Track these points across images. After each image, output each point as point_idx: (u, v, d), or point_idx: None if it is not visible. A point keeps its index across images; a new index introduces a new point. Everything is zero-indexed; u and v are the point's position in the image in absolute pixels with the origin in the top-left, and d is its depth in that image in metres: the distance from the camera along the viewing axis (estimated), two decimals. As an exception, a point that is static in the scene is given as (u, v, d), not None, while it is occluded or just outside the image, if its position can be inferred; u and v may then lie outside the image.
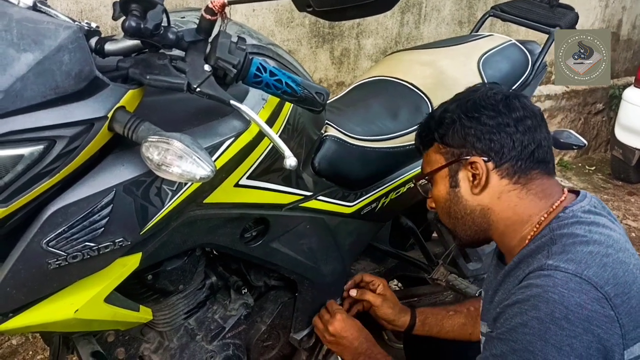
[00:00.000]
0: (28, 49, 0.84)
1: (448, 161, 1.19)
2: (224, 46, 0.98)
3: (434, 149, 1.23)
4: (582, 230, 1.03)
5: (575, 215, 1.07)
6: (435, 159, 1.22)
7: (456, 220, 1.21)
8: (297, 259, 1.44)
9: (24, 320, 0.99)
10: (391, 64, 1.86)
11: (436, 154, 1.22)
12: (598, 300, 0.93)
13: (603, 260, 0.98)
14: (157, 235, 1.09)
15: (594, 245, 1.00)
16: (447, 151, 1.19)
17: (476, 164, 1.14)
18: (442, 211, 1.24)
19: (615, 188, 4.28)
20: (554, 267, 0.97)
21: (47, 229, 0.90)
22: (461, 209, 1.18)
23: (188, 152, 0.89)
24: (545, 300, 0.94)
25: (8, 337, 2.29)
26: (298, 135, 1.28)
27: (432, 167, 1.23)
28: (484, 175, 1.14)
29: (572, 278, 0.94)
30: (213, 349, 1.40)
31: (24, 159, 0.84)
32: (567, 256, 0.98)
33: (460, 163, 1.17)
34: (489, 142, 1.14)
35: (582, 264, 0.96)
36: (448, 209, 1.21)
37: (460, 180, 1.18)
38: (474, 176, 1.15)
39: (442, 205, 1.22)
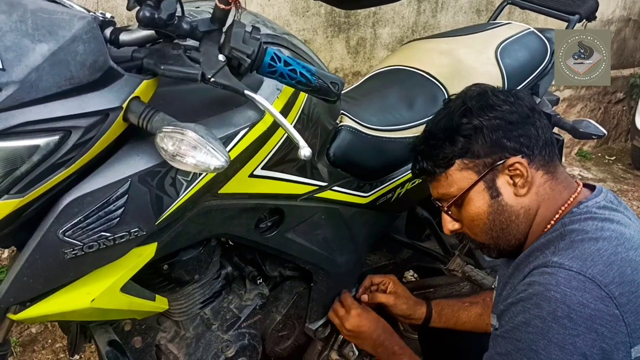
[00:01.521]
0: (43, 39, 0.84)
1: (482, 173, 1.10)
2: (238, 36, 0.98)
3: (457, 167, 1.12)
4: (593, 227, 1.01)
5: (589, 210, 1.05)
6: (462, 177, 1.12)
7: (500, 231, 1.12)
8: (312, 249, 1.44)
9: (41, 309, 1.00)
10: (407, 53, 1.84)
11: (461, 171, 1.12)
12: (602, 299, 0.91)
13: (610, 258, 0.96)
14: (172, 225, 1.09)
15: (603, 243, 0.98)
16: (477, 163, 1.10)
17: (515, 165, 1.08)
18: (482, 228, 1.13)
19: (636, 178, 4.22)
20: (558, 265, 0.96)
21: (63, 219, 0.91)
22: (507, 217, 1.11)
23: (202, 143, 0.89)
24: (547, 299, 0.93)
25: (27, 325, 2.33)
26: (313, 126, 1.28)
27: (461, 186, 1.12)
28: (527, 173, 1.08)
29: (575, 276, 0.93)
30: (229, 339, 1.40)
31: (39, 150, 0.85)
32: (573, 253, 0.97)
33: (495, 170, 1.09)
34: (518, 138, 1.09)
35: (588, 261, 0.95)
36: (491, 223, 1.12)
37: (501, 187, 1.10)
38: (513, 178, 1.09)
39: (483, 221, 1.12)
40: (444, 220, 1.19)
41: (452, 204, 1.14)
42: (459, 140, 1.10)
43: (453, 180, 1.13)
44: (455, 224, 1.18)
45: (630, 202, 3.79)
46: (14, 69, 0.82)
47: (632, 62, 4.68)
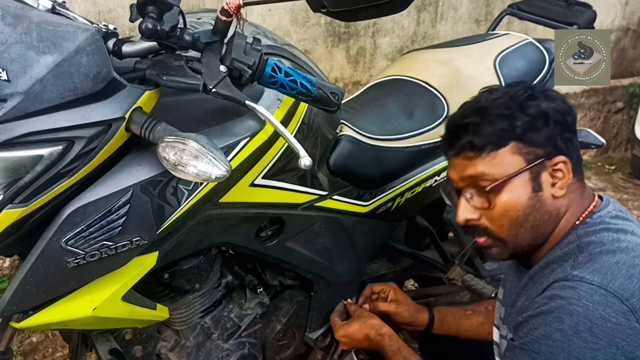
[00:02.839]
0: (47, 51, 0.85)
1: (531, 163, 1.04)
2: (239, 47, 0.99)
3: (510, 149, 1.05)
4: (609, 238, 1.01)
5: (603, 221, 1.05)
6: (512, 161, 1.05)
7: (530, 229, 1.07)
8: (312, 258, 1.45)
9: (43, 317, 1.01)
10: (407, 63, 1.85)
11: (513, 154, 1.05)
12: (623, 313, 0.91)
13: (630, 271, 0.95)
14: (174, 234, 1.10)
15: (621, 255, 0.97)
16: (530, 151, 1.04)
17: (560, 165, 1.04)
18: (512, 221, 1.07)
19: (636, 187, 4.22)
20: (579, 279, 0.95)
21: (66, 228, 0.92)
22: (541, 215, 1.06)
23: (204, 152, 0.90)
24: (569, 313, 0.92)
25: (28, 334, 2.33)
26: (313, 135, 1.29)
27: (508, 170, 1.05)
28: (569, 175, 1.05)
29: (597, 290, 0.93)
30: (229, 348, 1.41)
31: (43, 160, 0.86)
32: (593, 267, 0.96)
33: (542, 164, 1.05)
34: (567, 140, 1.06)
35: (608, 275, 0.94)
36: (525, 217, 1.06)
37: (544, 183, 1.05)
38: (555, 177, 1.05)
39: (518, 213, 1.06)
40: (461, 208, 1.10)
41: (492, 187, 1.05)
42: (522, 120, 1.04)
43: (500, 162, 1.05)
44: (474, 212, 1.09)
45: (631, 211, 3.78)
46: (18, 81, 0.83)
47: (632, 71, 4.69)
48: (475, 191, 1.08)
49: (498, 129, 1.05)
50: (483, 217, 1.09)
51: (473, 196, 1.09)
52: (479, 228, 1.10)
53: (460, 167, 1.10)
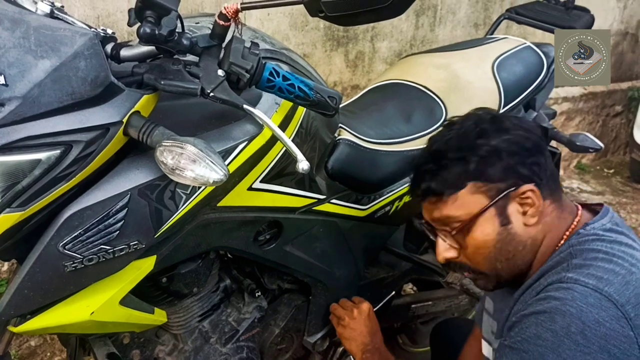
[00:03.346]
0: (45, 55, 0.85)
1: (494, 199, 1.04)
2: (237, 51, 0.99)
3: (468, 190, 1.05)
4: (603, 247, 1.00)
5: (596, 233, 1.03)
6: (473, 201, 1.05)
7: (505, 261, 1.07)
8: (310, 262, 1.45)
9: (41, 321, 1.01)
10: (405, 67, 1.86)
11: (473, 194, 1.05)
12: (617, 319, 0.89)
13: (626, 278, 0.94)
14: (172, 238, 1.10)
15: (616, 263, 0.96)
16: (490, 188, 1.04)
17: (527, 193, 1.03)
18: (486, 257, 1.07)
19: (634, 191, 4.22)
20: (574, 280, 0.94)
21: (64, 232, 0.92)
22: (514, 247, 1.06)
23: (201, 156, 0.90)
24: (562, 313, 0.91)
25: (26, 338, 2.33)
26: (311, 139, 1.29)
27: (471, 210, 1.05)
28: (538, 202, 1.04)
29: (591, 293, 0.91)
30: (227, 352, 1.41)
31: (41, 164, 0.86)
32: (588, 270, 0.95)
33: (507, 197, 1.04)
34: (531, 166, 1.04)
35: (604, 280, 0.93)
36: (498, 251, 1.06)
37: (511, 215, 1.04)
38: (524, 207, 1.04)
39: (489, 249, 1.06)
40: (439, 248, 1.12)
41: (459, 228, 1.07)
42: (473, 161, 1.04)
43: (462, 204, 1.06)
44: (452, 251, 1.11)
45: (629, 214, 3.79)
46: (16, 85, 0.83)
47: (630, 75, 4.70)
48: (446, 232, 1.10)
49: (453, 173, 1.06)
50: (461, 255, 1.10)
51: (446, 237, 1.11)
52: (460, 265, 1.13)
53: (428, 210, 1.12)
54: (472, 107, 1.17)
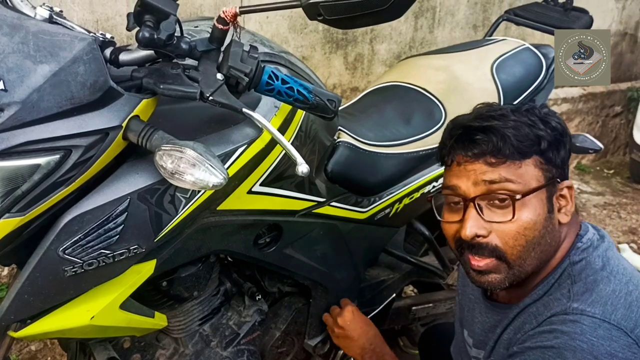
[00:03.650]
0: (44, 60, 0.85)
1: (548, 180, 0.97)
2: (236, 55, 0.99)
3: (533, 161, 0.97)
4: (600, 261, 0.98)
5: (592, 244, 1.01)
6: (533, 174, 0.97)
7: (540, 253, 0.99)
8: (310, 264, 1.45)
9: (41, 326, 1.01)
10: (404, 70, 1.86)
11: (535, 168, 0.97)
12: (629, 347, 0.88)
13: (627, 299, 0.92)
14: (171, 242, 1.10)
15: (615, 282, 0.94)
16: (548, 169, 0.98)
17: (566, 190, 0.99)
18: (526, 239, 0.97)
19: (634, 191, 4.22)
20: (580, 312, 0.91)
21: (64, 236, 0.92)
22: (552, 238, 0.99)
23: (201, 160, 0.90)
24: (572, 349, 0.87)
25: (27, 343, 2.32)
26: (310, 142, 1.29)
27: (528, 183, 0.96)
28: (572, 202, 1.00)
29: (600, 324, 0.89)
30: (228, 355, 1.40)
31: (40, 169, 0.86)
32: (592, 297, 0.93)
33: (555, 185, 0.98)
34: (567, 165, 1.01)
35: (609, 306, 0.91)
36: (540, 237, 0.97)
37: (554, 205, 0.99)
38: (561, 202, 1.00)
39: (534, 232, 0.97)
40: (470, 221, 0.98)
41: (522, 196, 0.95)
42: (546, 133, 0.97)
43: (523, 173, 0.96)
44: (484, 228, 0.98)
45: (630, 215, 3.79)
46: (15, 90, 0.83)
47: (630, 75, 4.71)
48: (491, 203, 0.98)
49: (525, 136, 0.96)
50: (493, 234, 0.98)
51: (486, 208, 0.98)
52: (485, 247, 0.98)
53: (477, 172, 0.98)
54: (472, 109, 1.10)
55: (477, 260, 1.00)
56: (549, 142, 0.97)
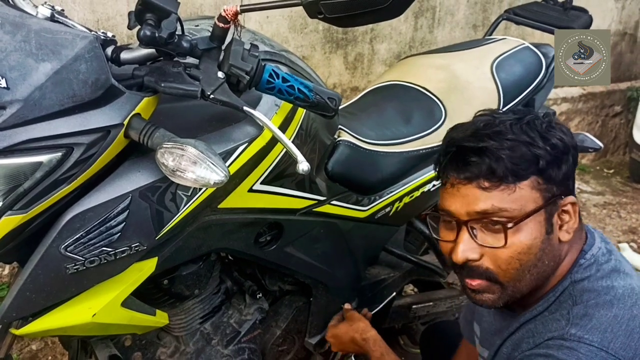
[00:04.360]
0: (46, 58, 0.86)
1: (547, 200, 0.93)
2: (236, 53, 1.00)
3: (530, 183, 0.92)
4: (603, 282, 0.95)
5: (596, 260, 0.98)
6: (530, 197, 0.92)
7: (536, 274, 0.96)
8: (311, 263, 1.45)
9: (43, 324, 1.01)
10: (404, 69, 1.86)
11: (532, 189, 0.92)
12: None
13: (630, 325, 0.89)
14: (173, 240, 1.10)
15: (618, 307, 0.91)
16: (548, 189, 0.93)
17: (568, 206, 0.95)
18: (520, 263, 0.94)
19: (634, 191, 4.22)
20: (577, 339, 0.88)
21: (65, 234, 0.92)
22: (549, 260, 0.95)
23: (202, 158, 0.90)
24: None
25: (28, 342, 2.32)
26: (311, 141, 1.29)
27: (524, 206, 0.92)
28: (576, 218, 0.96)
29: (597, 353, 0.86)
30: (229, 354, 1.41)
31: (42, 166, 0.86)
32: (591, 323, 0.90)
33: (555, 205, 0.94)
34: (573, 181, 0.97)
35: (608, 333, 0.88)
36: (536, 260, 0.94)
37: (554, 224, 0.95)
38: (563, 219, 0.96)
39: (530, 256, 0.93)
40: (463, 245, 0.95)
41: (513, 223, 0.92)
42: (544, 151, 0.91)
43: (518, 197, 0.92)
44: (476, 252, 0.95)
45: (630, 214, 3.79)
46: (18, 88, 0.83)
47: (629, 75, 4.71)
48: (482, 227, 0.94)
49: (520, 157, 0.91)
50: (485, 257, 0.95)
51: (480, 231, 0.95)
52: (477, 270, 0.96)
53: (469, 197, 0.94)
54: (472, 108, 1.09)
55: (471, 281, 0.98)
56: (548, 161, 0.92)
